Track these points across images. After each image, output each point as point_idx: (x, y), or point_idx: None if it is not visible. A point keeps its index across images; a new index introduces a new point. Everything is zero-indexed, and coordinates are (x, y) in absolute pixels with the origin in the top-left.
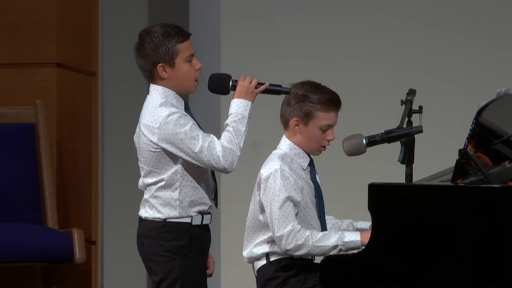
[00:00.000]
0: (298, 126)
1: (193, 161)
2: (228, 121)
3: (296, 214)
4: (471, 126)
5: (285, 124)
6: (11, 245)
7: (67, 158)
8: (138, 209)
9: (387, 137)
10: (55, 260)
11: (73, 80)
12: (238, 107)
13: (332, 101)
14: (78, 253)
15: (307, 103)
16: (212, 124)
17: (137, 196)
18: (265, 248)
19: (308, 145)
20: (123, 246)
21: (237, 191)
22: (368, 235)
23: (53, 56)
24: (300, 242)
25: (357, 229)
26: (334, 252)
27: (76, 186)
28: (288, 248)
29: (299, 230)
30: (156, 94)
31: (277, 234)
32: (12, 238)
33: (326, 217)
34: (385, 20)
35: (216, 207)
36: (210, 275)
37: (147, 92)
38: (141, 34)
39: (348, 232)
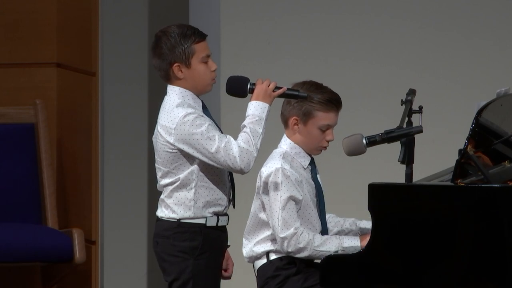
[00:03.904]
0: (297, 125)
1: (210, 162)
2: (245, 122)
3: (298, 211)
4: (471, 126)
5: (285, 122)
6: (11, 245)
7: (67, 158)
8: (138, 209)
9: (387, 137)
10: (55, 260)
11: (73, 80)
12: (255, 109)
13: (332, 102)
14: (78, 253)
15: (307, 102)
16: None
17: (137, 196)
18: (266, 247)
19: (307, 144)
20: (123, 246)
21: (240, 191)
22: (365, 239)
23: (53, 56)
24: (301, 245)
25: (360, 229)
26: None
27: (76, 186)
28: (289, 250)
29: (302, 233)
30: (173, 95)
31: (281, 235)
32: (12, 238)
33: (327, 215)
34: (385, 20)
35: (234, 207)
36: (229, 277)
37: (147, 92)
38: (157, 34)
39: (348, 238)
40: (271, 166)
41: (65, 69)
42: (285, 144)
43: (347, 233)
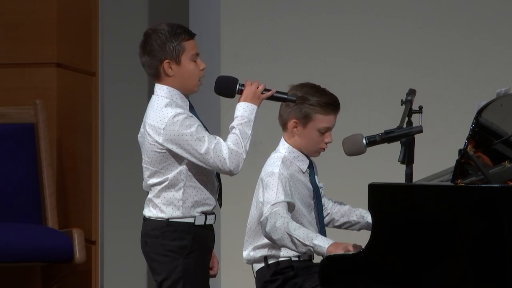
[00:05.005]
0: (297, 127)
1: (199, 163)
2: (234, 124)
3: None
4: (471, 126)
5: (284, 125)
6: (11, 245)
7: (67, 158)
8: (138, 209)
9: (387, 137)
10: (55, 260)
11: (73, 80)
12: (244, 110)
13: (332, 104)
14: (78, 253)
15: (306, 105)
16: (212, 124)
17: (137, 196)
18: (264, 252)
19: (306, 147)
20: (123, 246)
21: (237, 191)
22: (337, 247)
23: (53, 56)
24: (277, 225)
25: (367, 223)
26: (303, 250)
27: (76, 186)
28: (266, 229)
29: (281, 215)
30: (162, 94)
31: (261, 219)
32: (12, 238)
33: (336, 202)
34: (385, 20)
35: (220, 207)
36: (214, 276)
37: (147, 92)
38: (146, 32)
39: (322, 237)
40: (270, 171)
41: (65, 69)
42: (283, 148)
43: (353, 225)
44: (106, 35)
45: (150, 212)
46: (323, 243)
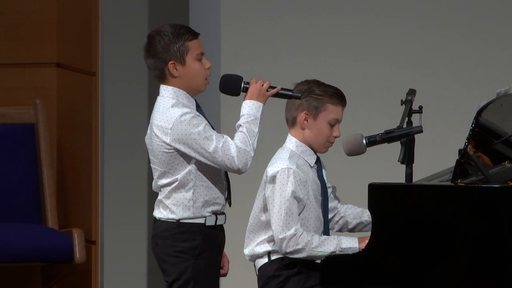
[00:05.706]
0: (307, 120)
1: (207, 162)
2: (241, 122)
3: (300, 214)
4: (471, 126)
5: (293, 119)
6: (11, 245)
7: (67, 158)
8: (138, 209)
9: (387, 137)
10: (55, 260)
11: (73, 80)
12: (250, 108)
13: (339, 94)
14: (78, 253)
15: (316, 96)
16: (212, 125)
17: (137, 196)
18: (267, 247)
19: (317, 140)
20: (123, 246)
21: (238, 190)
22: (367, 241)
23: (53, 56)
24: (300, 247)
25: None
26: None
27: (76, 186)
28: (287, 251)
29: (301, 234)
30: (167, 95)
31: (280, 236)
32: (12, 238)
33: (346, 206)
34: (385, 20)
35: (230, 206)
36: (225, 275)
37: (147, 92)
38: (150, 34)
39: (347, 238)
40: (278, 166)
41: (65, 69)
42: (291, 143)
43: (366, 225)
44: (106, 35)
45: (160, 213)
46: (351, 244)
